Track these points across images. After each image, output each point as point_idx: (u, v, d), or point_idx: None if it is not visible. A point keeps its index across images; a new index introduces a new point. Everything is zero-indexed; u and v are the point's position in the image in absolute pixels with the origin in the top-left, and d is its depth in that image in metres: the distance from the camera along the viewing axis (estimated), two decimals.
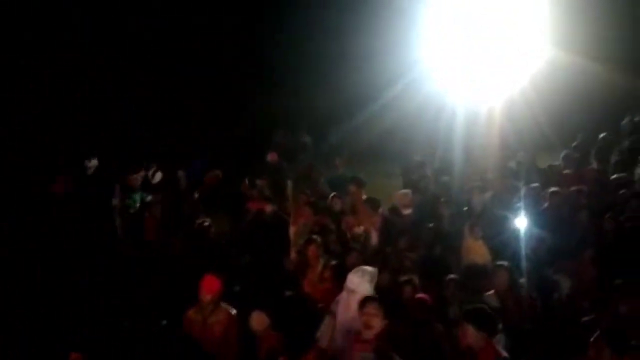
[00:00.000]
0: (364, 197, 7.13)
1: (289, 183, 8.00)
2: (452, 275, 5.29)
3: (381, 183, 9.41)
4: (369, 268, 4.91)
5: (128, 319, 5.14)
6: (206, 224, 6.60)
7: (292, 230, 6.70)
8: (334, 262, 5.52)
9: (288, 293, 5.51)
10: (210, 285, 4.54)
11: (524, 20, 10.47)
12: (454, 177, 8.27)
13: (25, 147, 10.15)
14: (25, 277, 6.26)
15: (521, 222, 6.22)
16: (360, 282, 4.73)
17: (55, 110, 11.46)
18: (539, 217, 6.45)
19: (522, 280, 5.13)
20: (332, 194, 7.19)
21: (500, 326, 4.39)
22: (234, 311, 4.64)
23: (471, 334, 3.87)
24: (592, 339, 3.79)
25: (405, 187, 7.77)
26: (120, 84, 12.27)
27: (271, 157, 9.20)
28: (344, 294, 4.79)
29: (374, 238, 6.61)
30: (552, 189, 7.14)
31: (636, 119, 11.21)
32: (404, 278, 5.23)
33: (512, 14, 10.54)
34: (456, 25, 10.81)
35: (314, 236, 5.83)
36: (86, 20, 12.55)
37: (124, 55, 12.41)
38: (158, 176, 8.54)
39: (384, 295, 4.90)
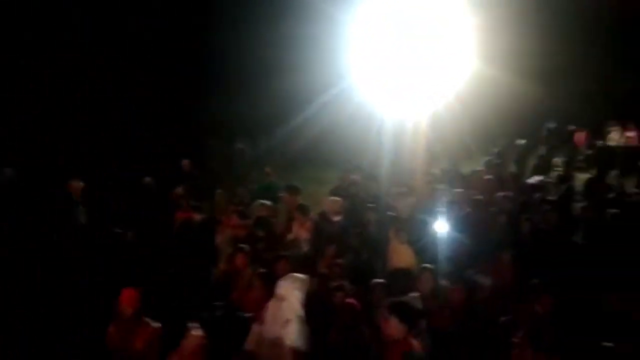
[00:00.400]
0: (296, 203, 7.15)
1: (218, 191, 7.86)
2: (378, 280, 5.36)
3: (313, 189, 9.47)
4: (299, 275, 4.92)
5: (41, 335, 4.91)
6: (119, 232, 6.41)
7: (220, 238, 6.60)
8: (262, 270, 5.49)
9: (217, 302, 5.43)
10: (129, 299, 4.40)
11: (450, 36, 10.85)
12: (382, 183, 8.44)
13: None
14: None
15: (444, 226, 6.43)
16: (291, 289, 4.74)
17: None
18: (461, 221, 6.68)
19: (445, 282, 5.28)
20: (256, 201, 7.14)
21: (423, 327, 4.53)
22: (156, 325, 4.51)
23: (394, 326, 3.96)
24: (515, 340, 3.95)
25: (335, 193, 7.83)
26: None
27: (184, 164, 9.04)
28: (273, 302, 4.77)
29: (305, 245, 6.64)
30: (474, 194, 7.44)
31: (551, 126, 11.94)
32: (335, 284, 5.28)
33: (439, 30, 10.90)
34: (386, 37, 11.04)
35: (242, 245, 5.76)
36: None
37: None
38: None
39: (315, 302, 4.97)
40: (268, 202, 7.13)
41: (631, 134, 11.46)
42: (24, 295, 5.76)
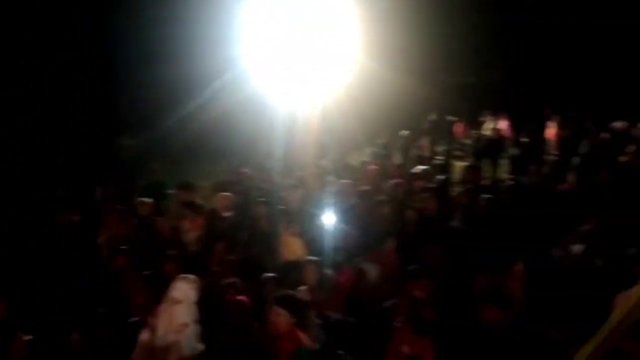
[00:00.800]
0: (185, 200, 6.95)
1: (99, 189, 7.43)
2: (269, 274, 5.36)
3: (205, 185, 9.23)
4: (190, 276, 4.79)
5: None
6: None
7: (102, 239, 6.25)
8: (147, 272, 5.27)
9: (100, 309, 5.14)
10: None
11: (337, 29, 11.00)
12: (273, 176, 8.45)
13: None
14: None
15: (333, 217, 6.56)
16: (187, 290, 4.60)
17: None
18: (348, 211, 6.84)
19: (332, 272, 5.39)
20: (138, 199, 6.86)
21: (313, 319, 4.60)
22: (25, 337, 4.21)
23: (283, 319, 4.00)
24: (396, 324, 4.12)
25: (222, 187, 7.70)
26: None
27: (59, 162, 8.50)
28: (166, 305, 4.60)
29: (196, 243, 6.48)
30: (361, 185, 7.66)
31: (432, 118, 12.64)
32: (226, 281, 5.20)
33: (327, 22, 11.01)
34: (277, 25, 10.93)
35: (123, 246, 5.50)
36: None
37: None
38: None
39: (208, 301, 4.87)
40: (150, 200, 6.84)
41: (503, 124, 12.42)
42: None
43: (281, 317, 4.05)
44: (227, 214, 6.97)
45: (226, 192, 7.26)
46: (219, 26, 10.76)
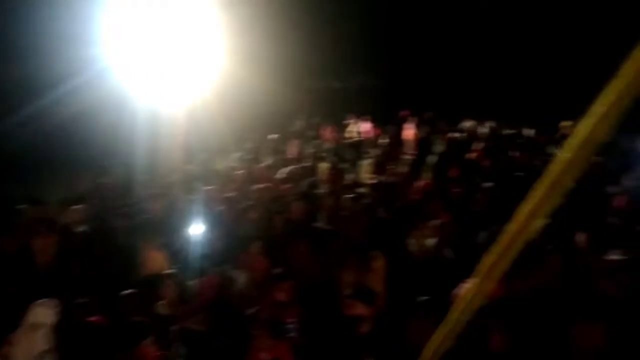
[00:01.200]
0: (35, 216, 6.35)
1: None
2: (128, 290, 5.08)
3: (55, 197, 8.51)
4: (49, 299, 4.42)
5: None
6: None
7: None
8: None
9: None
10: None
11: (202, 32, 10.75)
12: (135, 185, 8.04)
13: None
14: None
15: (199, 225, 6.39)
16: (47, 315, 4.25)
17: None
18: (215, 218, 6.71)
19: (196, 282, 5.25)
20: None
21: (175, 332, 4.44)
22: None
23: (150, 346, 3.83)
24: (254, 330, 4.09)
25: (80, 199, 7.16)
26: None
27: None
28: (24, 332, 4.18)
29: (48, 262, 5.94)
30: (227, 190, 7.56)
31: (301, 122, 12.88)
32: (79, 301, 4.84)
33: (192, 24, 10.72)
34: (140, 25, 10.40)
35: None
36: None
37: None
38: None
39: (63, 323, 4.49)
40: None
41: (365, 126, 12.98)
42: None
43: (149, 346, 3.89)
44: (80, 228, 6.49)
45: (79, 204, 6.75)
46: (76, 23, 9.99)
